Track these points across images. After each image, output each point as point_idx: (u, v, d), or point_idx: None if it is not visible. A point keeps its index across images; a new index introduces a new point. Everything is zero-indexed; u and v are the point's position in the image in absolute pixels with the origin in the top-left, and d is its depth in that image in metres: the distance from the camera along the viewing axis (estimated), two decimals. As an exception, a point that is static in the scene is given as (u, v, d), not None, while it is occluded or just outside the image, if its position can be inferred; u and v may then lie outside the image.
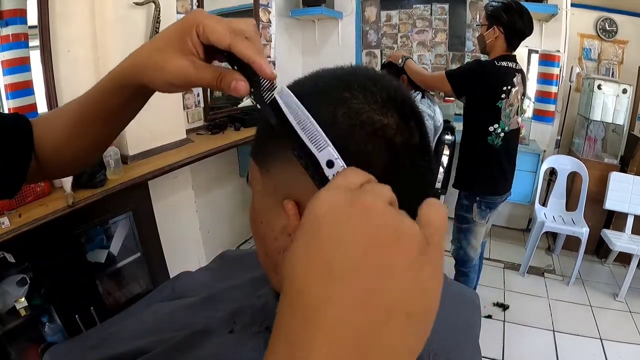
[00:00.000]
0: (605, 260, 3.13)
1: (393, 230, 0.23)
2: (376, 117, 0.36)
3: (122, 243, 1.87)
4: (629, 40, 3.26)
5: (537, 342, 2.31)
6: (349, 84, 0.38)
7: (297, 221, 0.37)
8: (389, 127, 0.36)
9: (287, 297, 0.24)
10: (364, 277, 0.22)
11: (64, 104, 0.55)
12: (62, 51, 1.72)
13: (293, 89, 0.42)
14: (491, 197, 2.08)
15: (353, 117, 0.36)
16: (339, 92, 0.37)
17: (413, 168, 0.38)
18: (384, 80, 0.40)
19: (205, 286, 0.70)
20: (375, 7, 3.61)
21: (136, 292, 1.95)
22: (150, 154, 1.99)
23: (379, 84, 0.39)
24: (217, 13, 2.76)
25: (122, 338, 0.63)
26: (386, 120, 0.36)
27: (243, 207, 3.15)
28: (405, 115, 0.38)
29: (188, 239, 2.46)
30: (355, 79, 0.39)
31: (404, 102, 0.39)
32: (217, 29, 0.40)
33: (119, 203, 1.79)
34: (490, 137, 1.96)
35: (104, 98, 0.49)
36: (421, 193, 0.39)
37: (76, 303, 1.60)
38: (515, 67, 1.96)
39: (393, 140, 0.36)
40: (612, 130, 3.09)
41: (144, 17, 1.87)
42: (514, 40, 1.95)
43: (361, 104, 0.36)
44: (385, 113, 0.37)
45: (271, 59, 3.38)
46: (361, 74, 0.40)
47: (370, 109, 0.36)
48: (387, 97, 0.38)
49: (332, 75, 0.41)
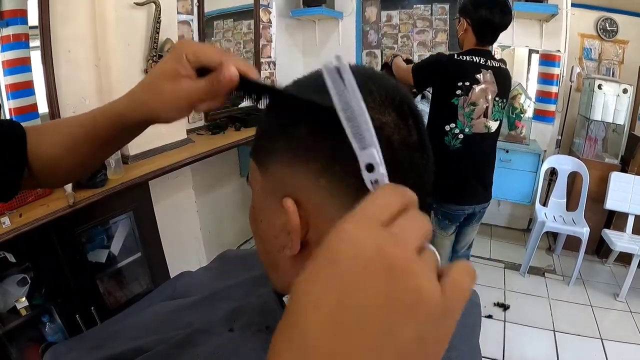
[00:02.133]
0: (606, 260, 3.13)
1: (414, 295, 0.22)
2: (374, 115, 0.36)
3: (122, 243, 1.87)
4: (629, 40, 3.26)
5: (538, 342, 2.31)
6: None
7: (296, 219, 0.38)
8: (387, 125, 0.37)
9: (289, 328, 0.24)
10: (369, 338, 0.21)
11: (62, 120, 0.60)
12: (62, 51, 1.72)
13: (292, 89, 0.42)
14: (451, 206, 1.94)
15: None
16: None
17: (411, 166, 0.38)
18: (382, 79, 0.40)
19: (206, 286, 0.70)
20: (375, 7, 3.61)
21: (137, 292, 1.95)
22: (151, 154, 1.99)
23: (377, 83, 0.39)
24: (218, 14, 2.77)
25: (122, 337, 0.63)
26: (384, 118, 0.37)
27: (244, 207, 3.15)
28: (403, 114, 0.38)
29: (189, 239, 2.46)
30: (356, 77, 0.39)
31: (402, 100, 0.39)
32: (207, 49, 0.44)
33: (120, 203, 1.79)
34: (446, 138, 1.82)
35: (98, 132, 0.52)
36: (419, 191, 0.40)
37: (77, 303, 1.60)
38: (484, 63, 1.80)
39: (391, 138, 0.37)
40: (612, 130, 3.09)
41: (144, 18, 1.87)
42: (484, 33, 1.79)
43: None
44: (383, 111, 0.37)
45: (272, 59, 3.39)
46: (359, 73, 0.40)
47: (368, 107, 0.36)
48: (385, 95, 0.38)
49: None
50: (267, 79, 3.31)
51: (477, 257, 3.19)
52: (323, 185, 0.37)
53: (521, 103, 3.15)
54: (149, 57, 1.88)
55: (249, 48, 3.13)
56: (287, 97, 0.41)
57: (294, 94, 0.40)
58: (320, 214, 0.38)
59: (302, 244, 0.39)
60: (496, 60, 1.85)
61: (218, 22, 2.84)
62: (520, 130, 3.19)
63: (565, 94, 3.32)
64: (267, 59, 3.31)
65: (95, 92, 1.87)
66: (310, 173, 0.37)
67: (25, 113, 1.67)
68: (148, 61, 1.89)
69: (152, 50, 1.88)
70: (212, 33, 2.78)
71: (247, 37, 3.10)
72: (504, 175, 3.16)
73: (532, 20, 3.14)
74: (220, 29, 2.87)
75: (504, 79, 1.86)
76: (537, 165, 3.09)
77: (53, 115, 1.71)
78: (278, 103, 0.43)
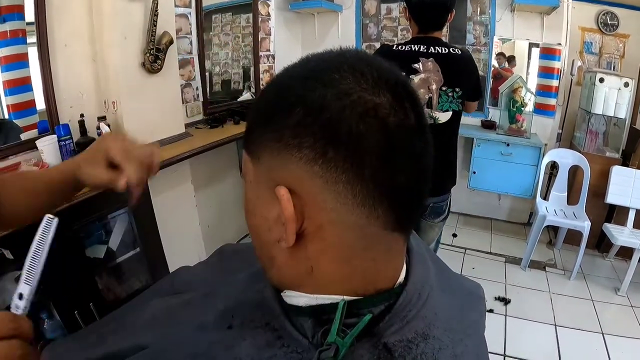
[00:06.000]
0: (607, 254, 3.13)
1: None
2: (367, 96, 0.35)
3: (121, 238, 1.86)
4: (630, 34, 3.23)
5: (539, 336, 2.31)
6: (338, 66, 0.37)
7: (290, 207, 0.37)
8: (381, 106, 0.35)
9: None
10: None
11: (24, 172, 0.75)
12: (59, 46, 1.70)
13: (283, 75, 0.42)
14: None
15: (343, 98, 0.35)
16: (327, 74, 0.36)
17: (409, 150, 0.37)
18: (375, 60, 0.39)
19: (204, 281, 0.69)
20: (375, 0, 3.58)
21: (136, 287, 1.94)
22: (148, 148, 1.97)
23: (370, 65, 0.37)
24: (216, 7, 2.74)
25: (121, 334, 0.62)
26: (378, 99, 0.35)
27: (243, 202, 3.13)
28: (399, 95, 0.36)
29: (188, 234, 2.45)
30: (344, 60, 0.38)
31: (397, 82, 0.37)
32: (118, 152, 0.65)
33: (118, 198, 1.76)
34: None
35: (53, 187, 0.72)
36: (418, 176, 0.39)
37: (75, 299, 1.58)
38: (425, 51, 1.70)
39: (386, 120, 0.35)
40: (613, 124, 3.07)
41: (141, 10, 1.85)
42: (420, 19, 1.72)
43: (351, 85, 0.35)
44: (377, 93, 0.35)
45: (270, 53, 3.36)
46: (350, 56, 0.39)
47: (360, 89, 0.35)
48: (378, 77, 0.36)
49: (321, 58, 0.40)
50: (265, 72, 3.29)
51: (478, 251, 3.19)
52: (317, 172, 0.35)
53: (522, 96, 3.13)
54: (147, 50, 1.86)
55: (248, 42, 3.11)
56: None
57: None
58: (316, 203, 0.37)
59: (297, 235, 0.38)
60: (445, 46, 1.74)
61: (216, 15, 2.81)
62: (521, 124, 3.17)
63: (566, 88, 3.31)
64: (265, 52, 3.29)
65: (92, 87, 1.85)
66: (303, 160, 0.36)
67: (22, 109, 1.66)
68: (145, 54, 1.86)
69: (150, 43, 1.86)
70: (211, 27, 2.76)
71: (246, 30, 3.08)
72: (505, 168, 3.16)
73: (532, 13, 3.11)
74: (218, 23, 2.84)
75: (455, 64, 1.73)
76: (538, 159, 3.08)
77: (50, 111, 1.69)
78: (269, 90, 0.42)
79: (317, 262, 0.40)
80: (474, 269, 2.95)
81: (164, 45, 1.93)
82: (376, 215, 0.37)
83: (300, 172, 0.36)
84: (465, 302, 0.56)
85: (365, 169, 0.35)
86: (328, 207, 0.36)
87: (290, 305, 0.42)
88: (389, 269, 0.42)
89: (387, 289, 0.41)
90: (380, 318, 0.40)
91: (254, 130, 0.41)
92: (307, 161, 0.36)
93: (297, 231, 0.38)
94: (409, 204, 0.39)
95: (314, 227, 0.38)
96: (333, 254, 0.39)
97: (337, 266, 0.39)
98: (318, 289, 0.41)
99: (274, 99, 0.40)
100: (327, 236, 0.38)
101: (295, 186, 0.37)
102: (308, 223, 0.38)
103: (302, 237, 0.39)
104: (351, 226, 0.37)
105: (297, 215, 0.37)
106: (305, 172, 0.36)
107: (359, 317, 0.39)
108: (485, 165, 3.22)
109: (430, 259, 0.53)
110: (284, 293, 0.44)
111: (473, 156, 3.23)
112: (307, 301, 0.41)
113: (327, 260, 0.39)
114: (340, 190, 0.35)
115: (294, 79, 0.39)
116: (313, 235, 0.39)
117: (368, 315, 0.39)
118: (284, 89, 0.39)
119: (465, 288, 0.61)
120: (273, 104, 0.40)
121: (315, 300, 0.41)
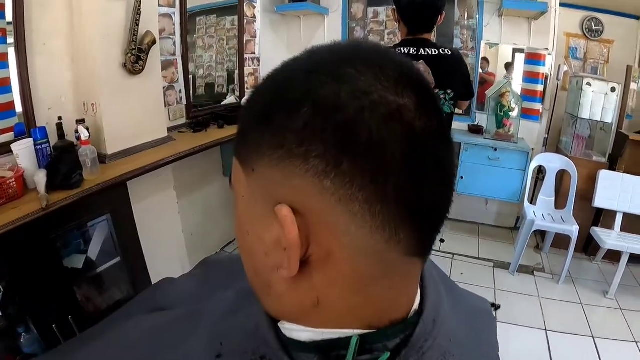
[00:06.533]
0: (594, 257, 3.15)
1: None
2: (390, 97, 0.29)
3: (100, 247, 1.78)
4: (614, 40, 3.29)
5: (530, 341, 2.29)
6: (351, 59, 0.32)
7: (295, 231, 0.30)
8: (406, 109, 0.30)
9: None
10: None
11: None
12: (37, 44, 1.62)
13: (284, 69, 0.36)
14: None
15: (361, 97, 0.29)
16: (339, 68, 0.31)
17: (435, 159, 0.32)
18: (395, 56, 0.34)
19: (189, 297, 0.64)
20: (362, 4, 3.57)
21: (117, 298, 1.86)
22: (129, 152, 1.90)
23: (390, 60, 0.32)
24: (201, 9, 2.70)
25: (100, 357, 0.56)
26: (402, 101, 0.30)
27: (227, 208, 3.08)
28: (423, 96, 0.31)
29: (170, 242, 2.37)
30: (359, 53, 0.33)
31: (419, 81, 0.32)
32: None
33: (97, 205, 1.70)
34: None
35: None
36: (445, 190, 0.33)
37: (53, 312, 1.51)
38: (415, 53, 1.69)
39: (413, 125, 0.30)
40: (600, 129, 3.10)
41: (123, 9, 1.77)
42: (410, 18, 1.71)
43: (371, 82, 0.30)
44: (400, 93, 0.30)
45: (256, 55, 3.31)
46: (366, 48, 0.34)
47: (382, 87, 0.30)
48: (400, 74, 0.31)
49: (329, 50, 0.35)
50: (250, 75, 3.24)
51: (466, 256, 3.18)
52: (328, 188, 0.29)
53: (509, 101, 3.14)
54: (128, 50, 1.79)
55: (232, 44, 3.06)
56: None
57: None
58: (325, 226, 0.31)
59: (301, 263, 0.32)
60: (435, 47, 1.73)
61: (201, 17, 2.77)
62: (508, 129, 3.18)
63: (553, 93, 3.33)
64: (251, 55, 3.23)
65: (71, 88, 1.77)
66: (310, 173, 0.29)
67: (1, 111, 1.57)
68: (127, 55, 1.79)
69: (132, 43, 1.78)
70: (195, 29, 2.71)
71: (231, 33, 3.04)
72: (493, 173, 3.16)
73: (520, 18, 3.14)
74: (203, 25, 2.79)
75: (446, 66, 1.72)
76: (526, 164, 3.09)
77: (27, 113, 1.60)
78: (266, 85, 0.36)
79: (324, 294, 0.34)
80: (463, 274, 2.93)
81: (147, 45, 1.86)
82: (397, 239, 0.31)
83: (306, 187, 0.30)
84: (477, 322, 0.52)
85: (388, 184, 0.29)
86: (340, 230, 0.31)
87: (290, 339, 0.36)
88: (405, 296, 0.37)
89: (402, 319, 0.36)
90: (396, 353, 0.34)
91: (248, 134, 0.34)
92: (315, 174, 0.29)
93: (301, 258, 0.32)
94: (434, 224, 0.35)
95: (322, 253, 0.32)
96: (344, 284, 0.33)
97: (348, 297, 0.34)
98: (324, 323, 0.35)
99: (273, 96, 0.33)
100: (338, 264, 0.32)
101: (299, 204, 0.31)
102: (315, 249, 0.32)
103: (307, 264, 0.33)
104: (368, 252, 0.31)
105: (301, 239, 0.31)
106: (313, 188, 0.30)
107: (371, 353, 0.33)
108: (472, 170, 3.21)
109: (438, 275, 0.48)
110: (282, 324, 0.37)
111: (460, 161, 3.22)
112: (310, 336, 0.35)
113: (336, 291, 0.33)
114: (357, 211, 0.29)
115: (297, 71, 0.34)
116: (321, 263, 0.33)
117: (386, 354, 0.33)
118: (286, 84, 0.33)
119: (473, 305, 0.57)
120: (271, 102, 0.33)
121: (322, 335, 0.34)
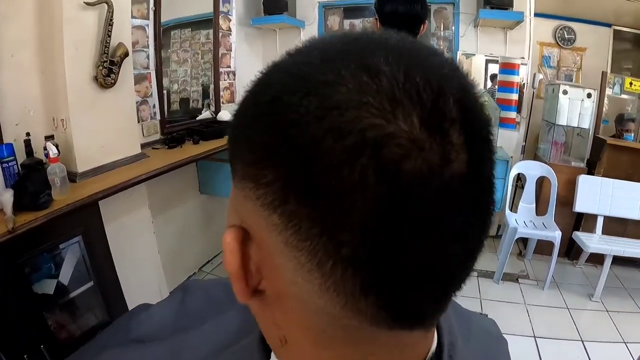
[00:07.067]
0: (577, 261, 3.17)
1: None
2: (371, 118, 0.20)
3: (72, 271, 1.68)
4: (587, 47, 3.37)
5: (519, 349, 2.26)
6: (342, 58, 0.23)
7: (233, 261, 0.26)
8: (393, 138, 0.20)
9: None
10: None
11: None
12: (5, 56, 1.54)
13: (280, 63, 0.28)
14: None
15: (327, 116, 0.21)
16: (320, 70, 0.23)
17: (450, 224, 0.22)
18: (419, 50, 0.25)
19: (167, 327, 0.57)
20: (338, 16, 3.58)
21: (91, 324, 1.76)
22: (101, 170, 1.82)
23: (403, 56, 0.23)
24: (175, 23, 2.65)
25: None
26: (391, 126, 0.20)
27: (204, 226, 2.99)
28: (440, 117, 0.21)
29: (146, 264, 2.26)
30: (354, 49, 0.24)
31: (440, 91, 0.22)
32: None
33: (67, 226, 1.61)
34: None
35: None
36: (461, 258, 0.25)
37: (24, 341, 1.42)
38: None
39: (399, 166, 0.20)
40: (577, 134, 3.15)
41: (95, 19, 1.70)
42: (391, 27, 1.73)
43: (349, 93, 0.21)
44: (393, 111, 0.20)
45: (231, 69, 3.25)
46: (366, 41, 0.25)
47: (363, 101, 0.20)
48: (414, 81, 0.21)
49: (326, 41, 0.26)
50: (226, 89, 3.18)
51: (451, 266, 3.15)
52: (276, 224, 0.23)
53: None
54: (100, 63, 1.71)
55: (207, 59, 3.00)
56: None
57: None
58: (272, 266, 0.26)
59: (256, 291, 0.27)
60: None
61: (175, 31, 2.71)
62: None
63: (529, 101, 3.38)
64: (226, 68, 3.17)
65: (40, 102, 1.68)
66: (260, 201, 0.24)
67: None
68: (98, 67, 1.71)
69: (103, 55, 1.71)
70: (169, 43, 2.65)
71: (206, 47, 2.98)
72: (475, 182, 3.15)
73: (496, 28, 3.19)
74: (177, 39, 2.73)
75: None
76: (506, 172, 3.09)
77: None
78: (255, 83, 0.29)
79: (289, 334, 0.28)
80: (448, 285, 2.90)
81: (119, 57, 1.78)
82: (357, 308, 0.23)
83: (258, 217, 0.24)
84: (489, 348, 0.48)
85: (343, 247, 0.21)
86: (287, 277, 0.25)
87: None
88: (411, 356, 0.31)
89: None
90: None
91: (231, 136, 0.29)
92: (264, 205, 0.23)
93: (253, 288, 0.27)
94: (434, 296, 0.25)
95: (272, 293, 0.27)
96: (306, 335, 0.27)
97: (317, 350, 0.28)
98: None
99: (252, 98, 0.27)
100: (289, 312, 0.27)
101: (254, 231, 0.26)
102: (266, 285, 0.27)
103: (263, 295, 0.28)
104: (320, 313, 0.25)
105: (250, 268, 0.27)
106: (264, 220, 0.24)
107: None
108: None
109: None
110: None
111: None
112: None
113: (301, 338, 0.28)
114: (304, 262, 0.23)
115: (279, 73, 0.26)
116: (275, 300, 0.27)
117: None
118: (265, 85, 0.26)
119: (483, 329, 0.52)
120: (249, 104, 0.27)
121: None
